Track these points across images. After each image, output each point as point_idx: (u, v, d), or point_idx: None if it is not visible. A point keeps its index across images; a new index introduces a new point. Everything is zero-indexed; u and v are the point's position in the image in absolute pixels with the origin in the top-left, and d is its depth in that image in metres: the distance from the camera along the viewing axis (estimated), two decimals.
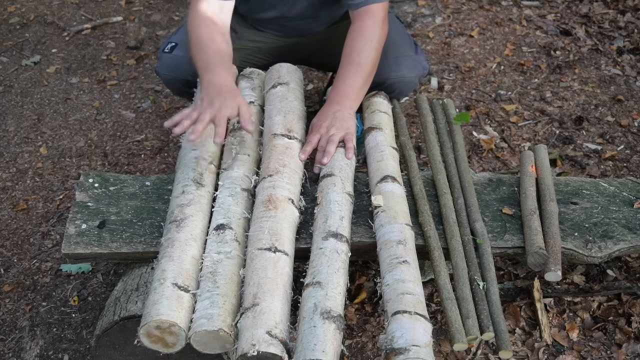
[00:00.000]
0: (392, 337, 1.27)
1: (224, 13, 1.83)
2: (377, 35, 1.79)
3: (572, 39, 3.02)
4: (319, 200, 1.57)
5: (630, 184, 1.82)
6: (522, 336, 1.79)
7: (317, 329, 1.26)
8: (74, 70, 2.93)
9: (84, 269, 2.02)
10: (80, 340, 1.83)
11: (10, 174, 2.40)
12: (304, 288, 1.37)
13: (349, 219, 1.55)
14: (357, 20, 1.81)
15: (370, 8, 1.80)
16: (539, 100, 2.66)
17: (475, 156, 2.38)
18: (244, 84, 1.92)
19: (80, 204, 1.68)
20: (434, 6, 3.30)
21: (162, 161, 2.42)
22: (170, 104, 2.70)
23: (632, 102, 2.63)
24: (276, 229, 1.46)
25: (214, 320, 1.30)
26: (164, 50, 2.02)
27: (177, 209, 1.53)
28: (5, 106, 2.73)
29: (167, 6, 3.39)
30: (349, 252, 1.47)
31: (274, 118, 1.76)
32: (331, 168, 1.64)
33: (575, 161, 2.34)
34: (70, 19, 3.29)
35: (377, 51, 1.80)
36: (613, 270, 1.93)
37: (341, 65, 1.81)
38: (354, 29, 1.82)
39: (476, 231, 1.61)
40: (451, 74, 2.82)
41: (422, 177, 1.75)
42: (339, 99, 1.78)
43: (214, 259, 1.42)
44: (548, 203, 1.67)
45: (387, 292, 1.37)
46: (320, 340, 1.24)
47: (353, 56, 1.78)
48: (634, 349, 1.74)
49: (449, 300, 1.43)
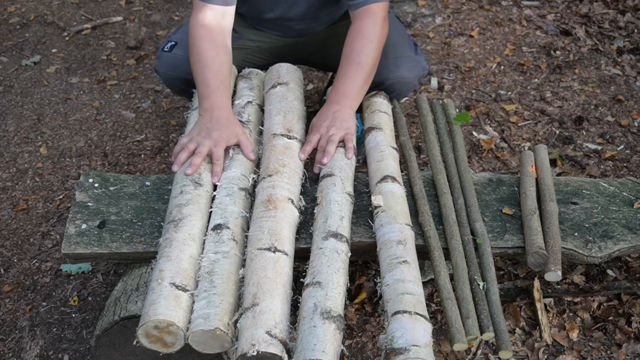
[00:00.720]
0: (392, 337, 1.27)
1: (226, 19, 1.82)
2: (377, 35, 1.79)
3: (572, 39, 3.02)
4: (319, 200, 1.57)
5: (630, 184, 1.81)
6: (522, 336, 1.79)
7: (317, 329, 1.26)
8: (74, 70, 2.93)
9: (84, 269, 2.02)
10: (80, 340, 1.83)
11: (10, 174, 2.40)
12: (304, 288, 1.37)
13: (349, 219, 1.55)
14: (357, 20, 1.81)
15: (371, 8, 1.79)
16: (539, 100, 2.66)
17: (475, 156, 2.38)
18: (242, 84, 1.93)
19: (80, 204, 1.68)
20: (434, 6, 3.30)
21: (162, 161, 2.42)
22: (170, 103, 2.70)
23: (632, 102, 2.63)
24: (276, 228, 1.46)
25: (210, 319, 1.30)
26: (164, 49, 2.02)
27: (176, 209, 1.53)
28: (5, 106, 2.73)
29: (167, 6, 3.39)
30: (349, 252, 1.47)
31: (273, 118, 1.76)
32: (331, 168, 1.64)
33: (575, 161, 2.34)
34: (70, 19, 3.29)
35: (377, 51, 1.79)
36: (613, 270, 1.93)
37: (341, 65, 1.80)
38: (353, 29, 1.81)
39: (476, 231, 1.61)
40: (451, 74, 2.82)
41: (422, 177, 1.75)
42: (339, 99, 1.78)
43: (211, 259, 1.42)
44: (548, 203, 1.67)
45: (387, 292, 1.37)
46: (320, 340, 1.24)
47: (353, 56, 1.78)
48: (634, 349, 1.74)
49: (449, 300, 1.43)
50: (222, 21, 1.80)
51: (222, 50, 1.78)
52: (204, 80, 1.74)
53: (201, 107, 1.73)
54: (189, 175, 1.60)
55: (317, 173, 1.69)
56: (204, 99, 1.73)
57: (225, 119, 1.70)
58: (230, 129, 1.68)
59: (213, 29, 1.78)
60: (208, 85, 1.73)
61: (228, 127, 1.68)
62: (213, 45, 1.77)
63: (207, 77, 1.74)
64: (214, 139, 1.65)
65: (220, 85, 1.74)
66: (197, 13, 1.79)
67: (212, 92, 1.72)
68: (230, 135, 1.67)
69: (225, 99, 1.74)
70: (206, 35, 1.77)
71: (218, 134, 1.66)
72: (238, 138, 1.69)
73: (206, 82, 1.73)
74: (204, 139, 1.65)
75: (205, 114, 1.70)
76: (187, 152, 1.65)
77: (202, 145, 1.64)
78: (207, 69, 1.74)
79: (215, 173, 1.64)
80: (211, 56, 1.75)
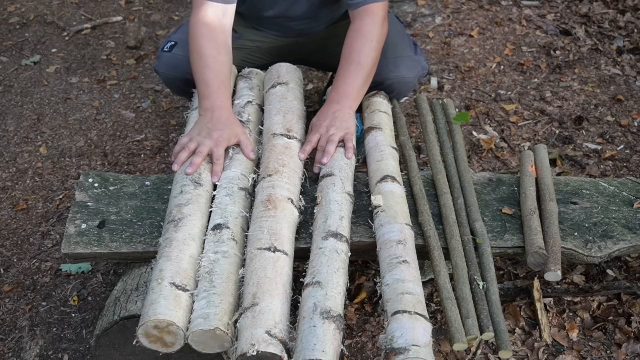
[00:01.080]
0: (392, 337, 1.27)
1: (227, 17, 1.81)
2: (377, 35, 1.79)
3: (572, 39, 3.02)
4: (319, 200, 1.57)
5: (630, 184, 1.81)
6: (522, 336, 1.79)
7: (317, 329, 1.26)
8: (74, 70, 2.93)
9: (84, 269, 2.02)
10: (80, 340, 1.83)
11: (10, 174, 2.40)
12: (304, 288, 1.37)
13: (349, 219, 1.55)
14: (357, 20, 1.81)
15: (370, 8, 1.79)
16: (539, 100, 2.66)
17: (475, 156, 2.38)
18: (242, 84, 1.92)
19: (80, 204, 1.68)
20: (434, 6, 3.30)
21: (162, 161, 2.42)
22: (170, 103, 2.70)
23: (632, 102, 2.63)
24: (276, 228, 1.46)
25: (210, 319, 1.30)
26: (164, 50, 2.02)
27: (176, 209, 1.53)
28: (5, 106, 2.73)
29: (167, 6, 3.39)
30: (349, 252, 1.47)
31: (273, 118, 1.76)
32: (331, 168, 1.64)
33: (575, 161, 2.34)
34: (70, 19, 3.29)
35: (377, 51, 1.79)
36: (613, 270, 1.93)
37: (341, 65, 1.80)
38: (353, 29, 1.81)
39: (476, 231, 1.61)
40: (451, 74, 2.82)
41: (422, 177, 1.75)
42: (339, 99, 1.78)
43: (211, 259, 1.42)
44: (548, 203, 1.67)
45: (387, 292, 1.37)
46: (320, 340, 1.24)
47: (353, 56, 1.78)
48: (634, 349, 1.74)
49: (449, 300, 1.43)
50: (223, 19, 1.80)
51: (224, 50, 1.78)
52: (205, 80, 1.74)
53: (202, 107, 1.73)
54: (189, 175, 1.60)
55: (317, 173, 1.69)
56: (204, 99, 1.73)
57: (226, 119, 1.70)
58: (231, 129, 1.68)
59: (214, 28, 1.78)
60: (209, 85, 1.73)
61: (229, 127, 1.68)
62: (214, 45, 1.77)
63: (208, 77, 1.74)
64: (214, 139, 1.65)
65: (221, 85, 1.74)
66: (197, 11, 1.79)
67: (213, 92, 1.73)
68: (231, 135, 1.68)
69: (226, 99, 1.74)
70: (207, 34, 1.76)
71: (219, 134, 1.66)
72: (239, 138, 1.69)
73: (207, 82, 1.74)
74: (204, 139, 1.65)
75: (206, 114, 1.70)
76: (188, 152, 1.65)
77: (202, 145, 1.65)
78: (208, 68, 1.74)
79: (216, 173, 1.64)
80: (212, 56, 1.75)
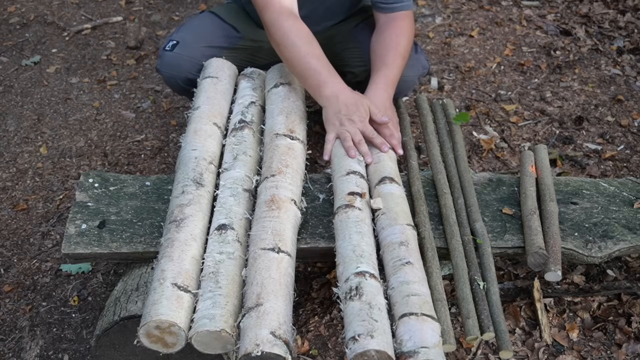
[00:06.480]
0: (401, 340, 1.26)
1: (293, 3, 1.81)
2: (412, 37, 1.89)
3: (572, 39, 3.02)
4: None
5: (630, 184, 1.82)
6: (522, 336, 1.79)
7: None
8: (74, 70, 2.93)
9: (84, 269, 2.02)
10: (80, 340, 1.83)
11: (10, 174, 2.40)
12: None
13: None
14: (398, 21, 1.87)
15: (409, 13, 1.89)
16: (539, 100, 2.66)
17: (475, 156, 2.38)
18: (245, 83, 1.92)
19: (80, 204, 1.68)
20: (434, 6, 3.30)
21: (162, 161, 2.42)
22: (170, 103, 2.70)
23: (632, 102, 2.63)
24: (279, 229, 1.46)
25: (216, 320, 1.30)
26: (165, 49, 2.02)
27: (177, 209, 1.52)
28: (5, 106, 2.73)
29: (167, 6, 3.39)
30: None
31: (276, 118, 1.76)
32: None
33: (575, 161, 2.34)
34: (70, 19, 3.29)
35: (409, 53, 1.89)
36: (613, 270, 1.93)
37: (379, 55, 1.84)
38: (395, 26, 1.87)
39: (476, 231, 1.61)
40: (451, 74, 2.82)
41: (422, 177, 1.75)
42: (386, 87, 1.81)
43: (216, 259, 1.42)
44: (548, 203, 1.67)
45: (392, 296, 1.36)
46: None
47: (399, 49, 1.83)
48: (634, 349, 1.74)
49: (439, 301, 1.42)
50: (293, 3, 1.80)
51: (309, 33, 1.77)
52: (314, 68, 1.72)
53: (321, 95, 1.72)
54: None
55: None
56: (322, 87, 1.71)
57: (352, 97, 1.70)
58: (361, 104, 1.69)
59: (294, 15, 1.78)
60: (320, 72, 1.72)
61: (360, 105, 1.69)
62: (304, 32, 1.76)
63: (315, 64, 1.72)
64: (358, 121, 1.67)
65: (330, 68, 1.74)
66: (269, 5, 1.76)
67: (328, 78, 1.72)
68: (365, 109, 1.69)
69: (340, 80, 1.74)
70: (293, 23, 1.75)
71: (358, 116, 1.67)
72: (369, 108, 1.70)
73: (317, 70, 1.72)
74: (350, 127, 1.67)
75: (331, 101, 1.70)
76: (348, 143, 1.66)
77: (354, 134, 1.66)
78: (311, 56, 1.73)
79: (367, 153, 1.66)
80: (308, 42, 1.74)
